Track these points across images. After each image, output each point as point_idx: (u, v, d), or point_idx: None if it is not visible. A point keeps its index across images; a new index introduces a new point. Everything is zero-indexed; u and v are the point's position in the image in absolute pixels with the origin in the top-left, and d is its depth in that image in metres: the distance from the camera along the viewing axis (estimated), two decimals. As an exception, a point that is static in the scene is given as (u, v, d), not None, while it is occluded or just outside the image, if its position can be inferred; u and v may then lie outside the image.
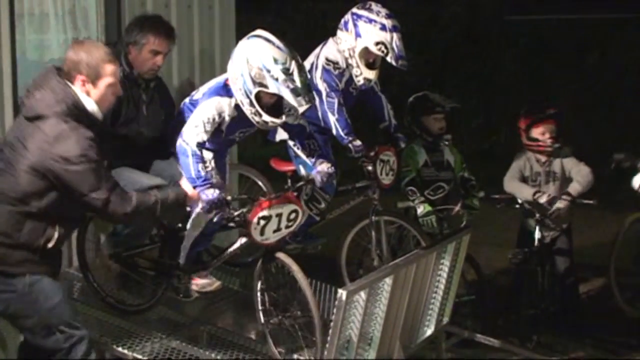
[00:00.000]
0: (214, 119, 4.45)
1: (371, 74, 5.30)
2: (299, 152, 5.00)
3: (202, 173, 4.32)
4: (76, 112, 3.97)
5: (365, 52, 5.23)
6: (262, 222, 4.35)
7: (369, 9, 5.23)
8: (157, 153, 5.00)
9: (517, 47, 13.02)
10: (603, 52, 12.59)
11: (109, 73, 4.07)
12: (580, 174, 6.18)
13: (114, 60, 4.12)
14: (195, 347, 4.86)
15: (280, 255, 4.51)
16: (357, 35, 5.21)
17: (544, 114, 6.25)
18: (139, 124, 4.98)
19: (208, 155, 4.51)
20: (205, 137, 4.41)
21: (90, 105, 4.04)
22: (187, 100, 4.80)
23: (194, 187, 4.30)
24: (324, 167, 4.80)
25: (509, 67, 12.91)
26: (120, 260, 5.00)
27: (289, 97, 4.32)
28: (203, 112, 4.44)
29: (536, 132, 6.21)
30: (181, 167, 4.42)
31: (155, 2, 5.91)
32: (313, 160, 4.85)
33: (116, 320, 4.96)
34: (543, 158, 6.23)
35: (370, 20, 5.19)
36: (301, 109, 4.45)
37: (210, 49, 6.41)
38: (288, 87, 4.29)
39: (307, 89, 4.40)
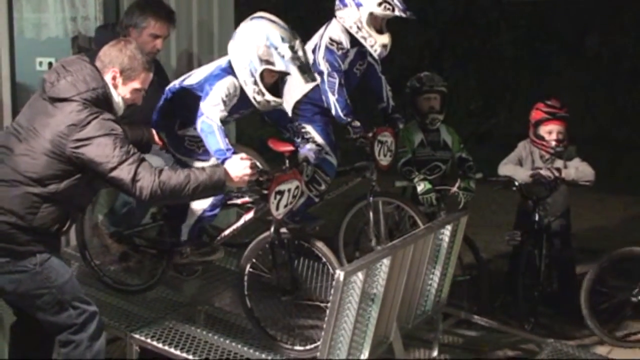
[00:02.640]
0: (231, 96, 4.52)
1: (385, 39, 5.30)
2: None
3: (229, 145, 4.35)
4: (102, 101, 4.05)
5: (371, 18, 5.23)
6: (278, 197, 4.45)
7: None
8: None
9: (516, 29, 12.99)
10: (603, 33, 12.57)
11: (141, 79, 4.20)
12: (580, 169, 6.20)
13: (150, 70, 4.24)
14: (193, 326, 4.90)
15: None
16: (358, 5, 5.22)
17: (554, 115, 6.22)
18: (139, 104, 4.98)
19: None
20: (225, 114, 4.46)
21: (117, 98, 4.16)
22: (176, 83, 4.80)
23: (225, 160, 4.27)
24: (311, 146, 4.94)
25: (508, 49, 12.89)
26: (121, 239, 5.02)
27: (295, 74, 4.47)
28: (221, 90, 4.48)
29: (543, 130, 6.22)
30: (206, 144, 4.42)
31: (154, -19, 5.91)
32: (299, 140, 4.93)
33: (114, 300, 5.01)
34: (547, 155, 6.25)
35: None
36: (308, 86, 4.66)
37: (209, 28, 6.43)
38: (295, 64, 4.43)
39: (310, 67, 4.59)
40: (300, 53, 4.48)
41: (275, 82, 4.57)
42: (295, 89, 5.16)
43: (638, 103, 11.30)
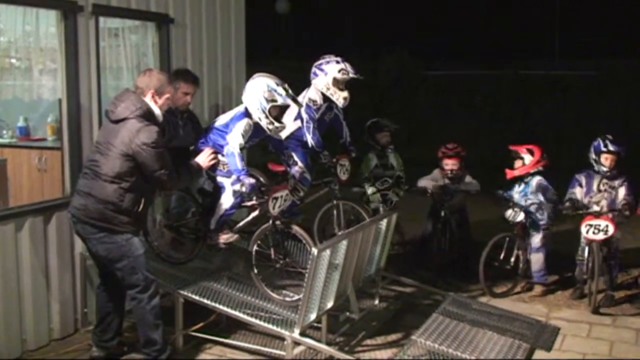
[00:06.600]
0: (247, 131, 4.55)
1: (345, 94, 5.35)
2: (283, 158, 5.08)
3: (244, 166, 4.41)
4: (148, 115, 4.07)
5: (335, 81, 5.28)
6: (274, 201, 4.47)
7: (323, 59, 5.37)
8: (189, 158, 4.98)
9: (430, 92, 13.16)
10: (484, 95, 12.80)
11: (168, 91, 4.23)
12: (472, 182, 6.30)
13: (171, 83, 4.34)
14: (219, 285, 4.89)
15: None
16: (325, 73, 5.28)
17: (451, 153, 6.28)
18: (177, 140, 4.96)
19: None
20: (243, 144, 4.52)
21: (157, 111, 4.16)
22: (211, 125, 4.79)
23: (239, 176, 4.38)
24: (297, 168, 4.98)
25: (424, 105, 13.02)
26: (172, 228, 5.01)
27: (291, 104, 4.57)
28: (240, 128, 4.54)
29: (445, 163, 6.28)
30: (229, 164, 4.47)
31: (193, 60, 5.90)
32: (290, 162, 4.93)
33: (167, 268, 4.98)
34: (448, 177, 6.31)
35: (328, 62, 5.32)
36: (295, 126, 4.71)
37: (229, 89, 6.41)
38: (289, 97, 4.51)
39: (297, 99, 4.72)
40: (290, 92, 4.55)
41: (278, 115, 4.60)
42: (285, 130, 5.16)
43: (512, 139, 11.44)
